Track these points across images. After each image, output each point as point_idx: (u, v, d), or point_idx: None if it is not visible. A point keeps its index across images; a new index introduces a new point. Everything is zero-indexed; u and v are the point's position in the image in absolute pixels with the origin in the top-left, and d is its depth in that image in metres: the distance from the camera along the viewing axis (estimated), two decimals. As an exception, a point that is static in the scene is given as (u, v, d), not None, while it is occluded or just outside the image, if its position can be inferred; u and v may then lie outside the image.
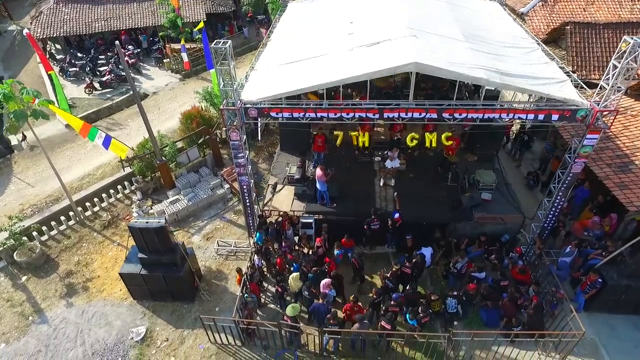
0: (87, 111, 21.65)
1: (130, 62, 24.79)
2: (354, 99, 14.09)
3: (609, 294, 10.96)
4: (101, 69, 24.42)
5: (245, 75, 11.44)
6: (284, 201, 13.47)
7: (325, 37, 12.24)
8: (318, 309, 10.43)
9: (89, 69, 24.41)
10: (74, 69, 24.36)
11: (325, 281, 10.91)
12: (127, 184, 16.43)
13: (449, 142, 11.32)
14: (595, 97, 9.64)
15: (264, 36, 18.19)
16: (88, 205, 15.53)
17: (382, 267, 12.16)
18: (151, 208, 15.45)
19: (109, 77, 23.42)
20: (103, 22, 26.20)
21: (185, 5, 26.54)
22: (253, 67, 11.77)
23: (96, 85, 23.43)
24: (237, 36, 28.86)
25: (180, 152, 16.53)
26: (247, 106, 10.08)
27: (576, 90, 9.95)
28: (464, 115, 9.80)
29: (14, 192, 16.87)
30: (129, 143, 16.33)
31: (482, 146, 14.41)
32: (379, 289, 10.81)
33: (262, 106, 10.08)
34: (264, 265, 12.40)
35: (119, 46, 13.14)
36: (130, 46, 26.26)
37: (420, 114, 9.84)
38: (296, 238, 13.05)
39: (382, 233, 12.48)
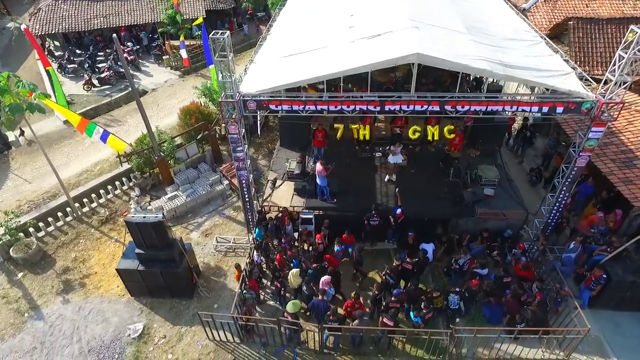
0: (85, 108, 21.51)
1: (129, 59, 24.61)
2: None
3: (613, 290, 10.79)
4: (100, 65, 24.26)
5: (245, 68, 11.26)
6: (283, 197, 13.29)
7: (325, 30, 12.06)
8: (317, 305, 10.26)
9: (87, 65, 24.25)
10: (72, 66, 24.18)
11: (325, 278, 10.72)
12: (125, 180, 16.26)
13: (452, 135, 11.12)
14: (601, 90, 9.47)
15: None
16: (86, 201, 15.36)
17: (383, 263, 12.00)
18: (149, 204, 15.27)
19: (107, 74, 23.25)
20: (102, 18, 26.06)
21: (184, 2, 26.40)
22: (252, 60, 11.59)
23: (95, 81, 23.28)
24: (237, 33, 28.69)
25: (179, 148, 16.36)
26: (245, 98, 9.90)
27: (581, 83, 9.77)
28: (466, 107, 9.61)
29: (11, 189, 16.70)
30: (127, 139, 16.15)
31: (484, 141, 14.22)
32: (380, 284, 10.63)
33: (261, 98, 9.90)
34: (263, 262, 12.24)
35: (116, 39, 12.95)
36: (129, 43, 26.09)
37: (422, 106, 9.66)
38: (296, 234, 12.87)
39: (382, 229, 12.30)
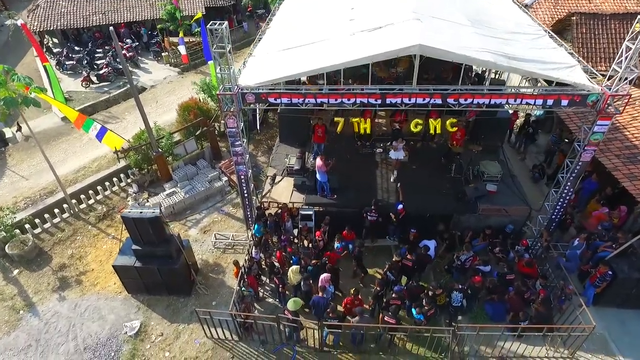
0: (83, 104, 21.35)
1: (128, 55, 24.45)
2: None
3: (619, 287, 10.58)
4: (98, 62, 24.09)
5: (243, 61, 11.08)
6: (283, 192, 13.10)
7: (325, 24, 11.87)
8: (318, 302, 10.07)
9: (86, 62, 24.07)
10: (70, 62, 24.02)
11: (325, 276, 10.54)
12: (123, 176, 16.08)
13: (454, 128, 10.92)
14: (606, 82, 9.28)
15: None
16: (83, 198, 15.16)
17: (384, 260, 11.78)
18: (147, 201, 15.09)
19: (106, 70, 23.08)
20: (101, 15, 25.87)
21: (184, -1, 26.24)
22: (251, 54, 11.40)
23: (93, 78, 23.12)
24: (237, 30, 28.52)
25: (178, 144, 16.17)
26: (244, 91, 9.70)
27: (586, 76, 9.58)
28: (469, 100, 9.42)
29: (7, 185, 16.51)
30: (125, 136, 15.89)
31: (486, 137, 14.05)
32: (381, 281, 10.43)
33: (260, 91, 9.71)
34: (262, 259, 12.05)
35: (113, 32, 12.75)
36: (128, 40, 25.92)
37: (424, 99, 9.46)
38: (295, 231, 12.68)
39: (381, 225, 12.09)
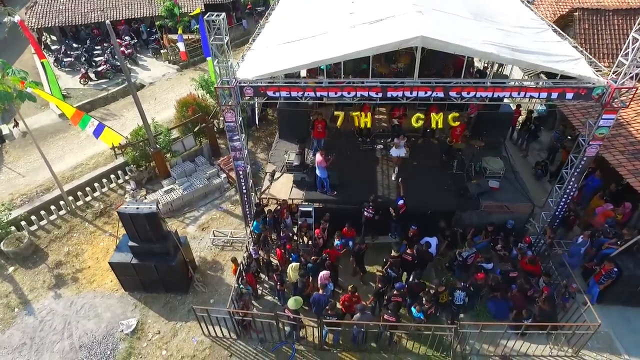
0: (81, 101, 21.16)
1: (126, 52, 24.28)
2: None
3: (624, 285, 10.40)
4: (97, 59, 23.90)
5: (242, 55, 10.89)
6: (282, 189, 12.90)
7: (325, 17, 11.67)
8: (318, 300, 9.88)
9: (84, 59, 23.88)
10: (68, 59, 23.85)
11: (324, 273, 10.34)
12: (120, 173, 15.90)
13: (456, 123, 10.73)
14: (612, 75, 9.09)
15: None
16: (80, 194, 14.98)
17: (384, 258, 11.58)
18: (145, 198, 14.92)
19: (104, 67, 22.90)
20: (99, 12, 25.66)
21: (183, -5, 26.04)
22: (250, 47, 11.22)
23: (91, 75, 22.93)
24: (236, 28, 28.33)
25: (176, 140, 15.99)
26: (242, 84, 9.51)
27: (591, 68, 9.39)
28: (472, 94, 9.23)
29: (4, 182, 16.32)
30: (123, 133, 15.76)
31: (488, 133, 13.86)
32: (381, 277, 10.23)
33: (258, 84, 9.51)
34: (261, 256, 11.85)
35: (109, 26, 12.54)
36: (127, 37, 25.74)
37: (426, 92, 9.27)
38: (295, 228, 12.49)
39: (380, 221, 11.88)
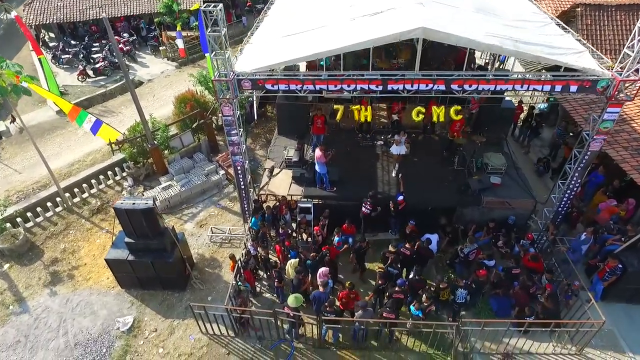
0: (79, 98, 20.99)
1: (124, 49, 24.12)
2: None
3: (628, 282, 10.22)
4: (95, 56, 23.73)
5: (240, 48, 10.73)
6: (281, 185, 12.72)
7: (325, 10, 11.51)
8: (319, 297, 9.71)
9: (82, 56, 23.71)
10: (66, 56, 23.67)
11: (323, 269, 10.18)
12: (118, 170, 15.73)
13: (459, 116, 10.56)
14: (617, 67, 8.92)
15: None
16: (77, 191, 14.80)
17: (383, 252, 11.36)
18: (142, 194, 14.72)
19: (102, 64, 22.74)
20: (97, 9, 25.46)
21: (182, -8, 25.84)
22: (248, 41, 11.05)
23: (89, 72, 22.75)
24: (236, 25, 28.13)
25: (174, 137, 15.82)
26: (240, 77, 9.35)
27: (595, 61, 9.22)
28: (473, 86, 9.07)
29: (0, 179, 16.17)
30: (121, 130, 15.60)
31: (490, 129, 13.69)
32: (382, 273, 10.06)
33: (256, 77, 9.35)
34: (259, 253, 11.69)
35: (106, 20, 12.39)
36: (125, 34, 25.57)
37: (427, 85, 9.11)
38: (294, 225, 12.32)
39: (378, 217, 11.70)
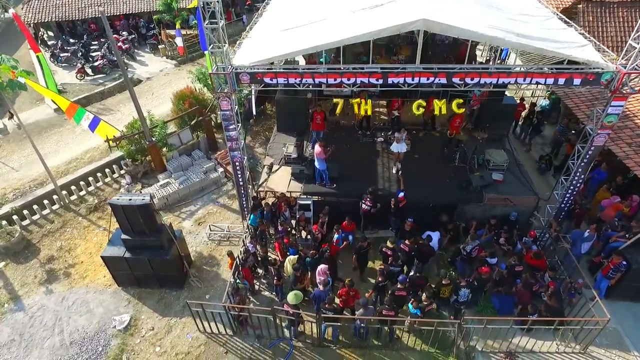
0: (77, 96, 20.81)
1: (123, 47, 24.00)
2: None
3: (632, 279, 10.06)
4: (94, 54, 23.62)
5: (238, 42, 10.58)
6: (280, 182, 12.55)
7: (325, 4, 11.38)
8: (319, 296, 9.55)
9: (80, 54, 23.60)
10: (65, 55, 23.57)
11: (322, 267, 10.03)
12: (116, 167, 15.60)
13: (461, 110, 10.40)
14: (621, 60, 8.77)
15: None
16: (74, 189, 14.65)
17: (381, 247, 11.19)
18: (140, 192, 14.59)
19: (101, 62, 22.61)
20: (96, 7, 25.39)
21: (181, -9, 25.75)
22: (247, 35, 10.91)
23: (88, 70, 22.63)
24: (235, 24, 28.03)
25: (172, 134, 15.67)
26: (238, 71, 9.20)
27: (599, 54, 9.07)
28: (476, 80, 8.92)
29: (-4, 177, 16.05)
30: (119, 127, 15.44)
31: (491, 126, 13.54)
32: (382, 270, 9.88)
33: (255, 71, 9.21)
34: (258, 251, 11.53)
35: (104, 17, 12.26)
36: (124, 32, 25.46)
37: (428, 78, 8.96)
38: (293, 222, 12.16)
39: (379, 214, 11.55)
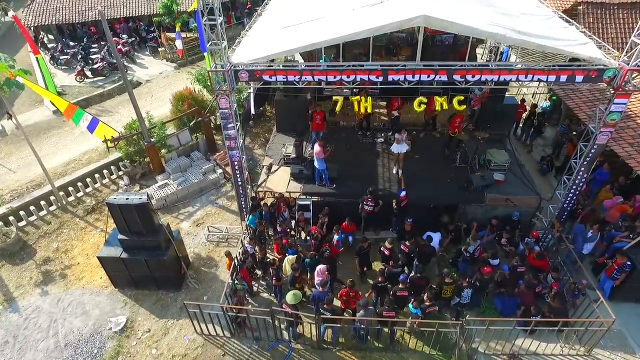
0: (77, 98, 20.77)
1: (123, 50, 24.00)
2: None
3: (637, 280, 9.90)
4: (93, 57, 23.61)
5: (237, 41, 10.51)
6: (279, 182, 12.42)
7: (324, 3, 11.32)
8: (318, 297, 9.39)
9: (80, 57, 23.59)
10: (64, 57, 23.56)
11: (321, 267, 9.87)
12: (114, 169, 15.48)
13: (462, 107, 10.31)
14: (624, 57, 8.68)
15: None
16: (71, 190, 14.52)
17: (380, 246, 11.04)
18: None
19: (100, 65, 22.58)
20: (96, 10, 25.40)
21: (181, -6, 25.81)
22: (246, 34, 10.84)
23: (88, 73, 22.61)
24: (235, 27, 28.06)
25: (171, 135, 15.57)
26: (237, 68, 9.11)
27: (601, 52, 8.98)
28: (477, 77, 8.83)
29: (-6, 178, 15.93)
30: (118, 129, 15.34)
31: (492, 126, 13.42)
32: (382, 270, 9.71)
33: (253, 68, 9.11)
34: (257, 252, 11.37)
35: (104, 20, 12.20)
36: (124, 35, 25.48)
37: (429, 76, 8.87)
38: (292, 223, 12.02)
39: (380, 215, 11.43)
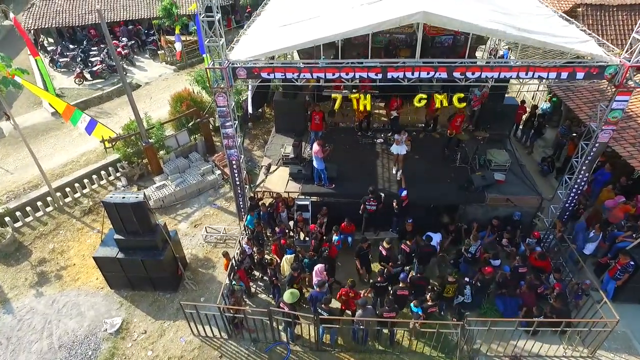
0: (76, 100, 20.66)
1: (123, 53, 23.99)
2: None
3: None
4: (93, 59, 23.57)
5: (236, 39, 10.45)
6: (277, 182, 12.29)
7: (323, 2, 11.29)
8: (317, 297, 9.24)
9: (80, 59, 23.56)
10: (64, 60, 23.53)
11: (319, 266, 9.74)
12: (112, 170, 15.37)
13: (462, 104, 10.25)
14: (625, 54, 8.61)
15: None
16: (68, 191, 14.40)
17: (379, 246, 10.92)
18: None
19: (99, 67, 22.54)
20: (96, 13, 25.44)
21: (181, -2, 25.87)
22: (244, 32, 10.79)
23: (87, 75, 22.54)
24: (235, 30, 28.11)
25: (169, 136, 15.48)
26: (235, 65, 9.04)
27: (602, 49, 8.92)
28: (477, 74, 8.76)
29: (-9, 179, 15.82)
30: (116, 130, 15.28)
31: (492, 127, 13.33)
32: (382, 270, 9.56)
33: (252, 65, 9.04)
34: (255, 253, 11.24)
35: (103, 23, 12.15)
36: (124, 38, 25.49)
37: (429, 73, 8.81)
38: (291, 223, 11.90)
39: (382, 215, 11.32)
